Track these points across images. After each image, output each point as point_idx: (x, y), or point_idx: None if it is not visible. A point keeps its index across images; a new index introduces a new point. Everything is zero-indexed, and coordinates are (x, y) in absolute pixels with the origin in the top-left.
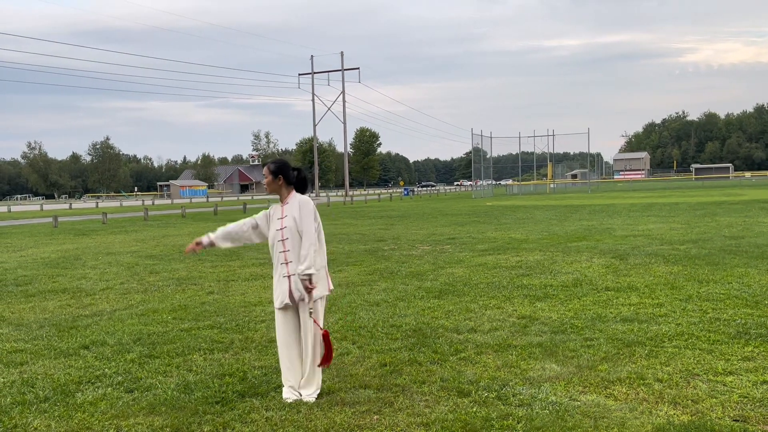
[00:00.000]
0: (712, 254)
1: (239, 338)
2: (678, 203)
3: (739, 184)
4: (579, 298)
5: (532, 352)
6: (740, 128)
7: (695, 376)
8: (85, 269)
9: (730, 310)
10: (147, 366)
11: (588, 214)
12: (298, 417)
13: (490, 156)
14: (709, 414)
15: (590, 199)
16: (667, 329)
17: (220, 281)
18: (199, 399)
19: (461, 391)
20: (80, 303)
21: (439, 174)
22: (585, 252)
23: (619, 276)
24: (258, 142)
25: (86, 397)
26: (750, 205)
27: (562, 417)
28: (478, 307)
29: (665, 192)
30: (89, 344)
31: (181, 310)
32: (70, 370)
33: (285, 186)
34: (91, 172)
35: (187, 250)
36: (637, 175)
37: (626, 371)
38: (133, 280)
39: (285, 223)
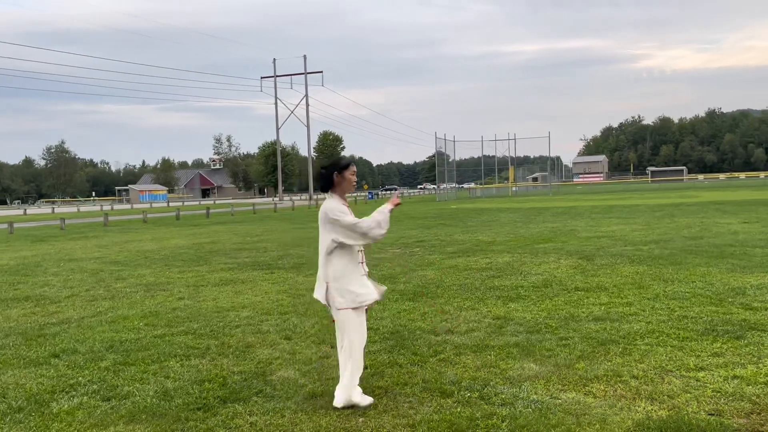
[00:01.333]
0: (674, 254)
1: (215, 344)
2: (637, 205)
3: (693, 186)
4: (551, 299)
5: (510, 352)
6: (693, 132)
7: (669, 372)
8: (47, 276)
9: (696, 307)
10: (122, 373)
11: (551, 216)
12: (282, 421)
13: (453, 159)
14: (686, 408)
15: (552, 202)
16: (638, 327)
17: (189, 287)
18: (180, 406)
19: (444, 391)
20: (45, 311)
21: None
22: (552, 253)
23: (587, 276)
24: (219, 146)
25: (62, 406)
26: (705, 207)
27: (545, 415)
28: (453, 309)
29: (624, 194)
30: (59, 353)
31: (153, 316)
32: (42, 380)
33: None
34: (45, 177)
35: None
36: (596, 178)
37: (603, 369)
38: (99, 287)
39: None
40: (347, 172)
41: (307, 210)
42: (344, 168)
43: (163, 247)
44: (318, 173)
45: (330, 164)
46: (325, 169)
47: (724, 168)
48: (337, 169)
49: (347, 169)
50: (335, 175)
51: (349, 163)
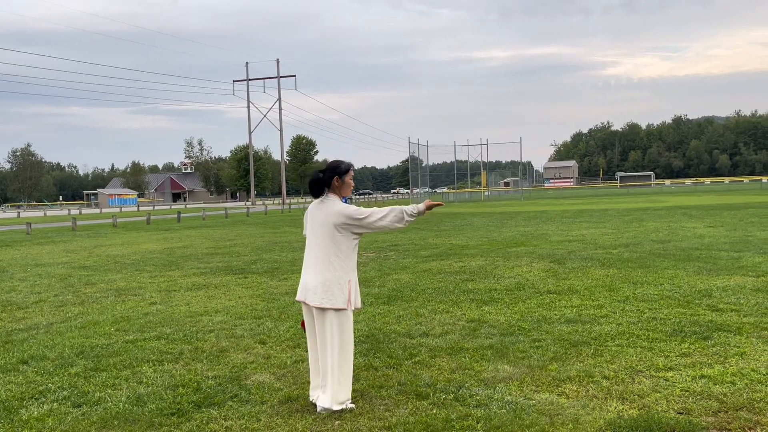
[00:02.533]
0: (643, 257)
1: (188, 348)
2: (607, 210)
3: (660, 191)
4: (523, 301)
5: (484, 353)
6: (660, 138)
7: (639, 372)
8: (13, 281)
9: (664, 309)
10: (93, 379)
11: (523, 220)
12: (258, 425)
13: (426, 164)
14: (655, 408)
15: (524, 206)
16: (609, 329)
17: (161, 291)
18: (154, 411)
19: (419, 394)
20: (12, 317)
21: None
22: (524, 257)
23: (559, 279)
24: (191, 150)
25: (31, 413)
26: (672, 211)
27: (519, 416)
28: (428, 312)
29: (594, 199)
30: (28, 359)
31: (124, 321)
32: (10, 386)
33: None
34: (10, 181)
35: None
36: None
37: (575, 370)
38: (68, 292)
39: None
40: (347, 176)
41: (279, 214)
42: (344, 172)
43: (133, 252)
44: (315, 177)
45: (329, 168)
46: (324, 173)
47: (690, 173)
48: (337, 174)
49: (347, 173)
50: (335, 180)
51: (349, 167)
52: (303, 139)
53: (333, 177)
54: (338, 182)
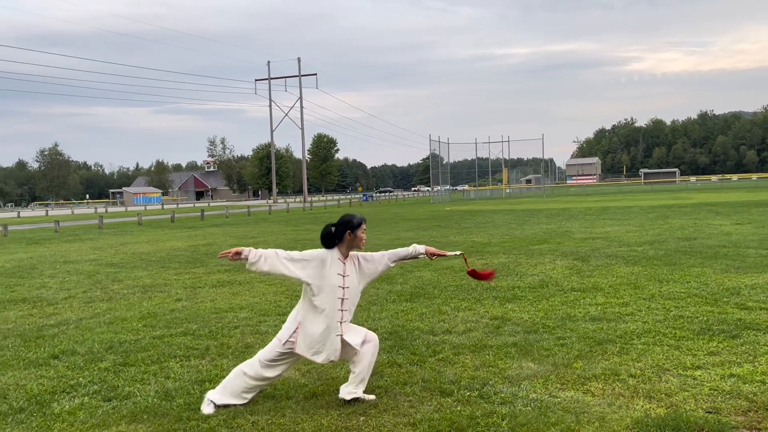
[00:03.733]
0: (668, 255)
1: (214, 344)
2: (631, 207)
3: (685, 188)
4: (547, 299)
5: (508, 351)
6: (685, 134)
7: (666, 371)
8: (43, 278)
9: (691, 307)
10: (123, 374)
11: (545, 218)
12: (284, 420)
13: (447, 162)
14: (683, 407)
15: (546, 204)
16: (635, 327)
17: (186, 288)
18: (182, 405)
19: (443, 390)
20: (43, 312)
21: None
22: (547, 254)
23: (583, 277)
24: (213, 149)
25: (63, 406)
26: (698, 208)
27: (544, 413)
28: (451, 309)
29: (617, 196)
30: (59, 354)
31: (151, 317)
32: (42, 380)
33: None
34: (39, 180)
35: (221, 254)
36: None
37: (600, 368)
38: (96, 289)
39: (348, 283)
40: (359, 230)
41: (301, 212)
42: (357, 226)
43: (158, 249)
44: (327, 231)
45: (342, 222)
46: (336, 227)
47: (716, 170)
48: (349, 228)
49: (359, 227)
50: (348, 234)
51: (362, 222)
52: (324, 137)
53: (345, 231)
54: (350, 236)
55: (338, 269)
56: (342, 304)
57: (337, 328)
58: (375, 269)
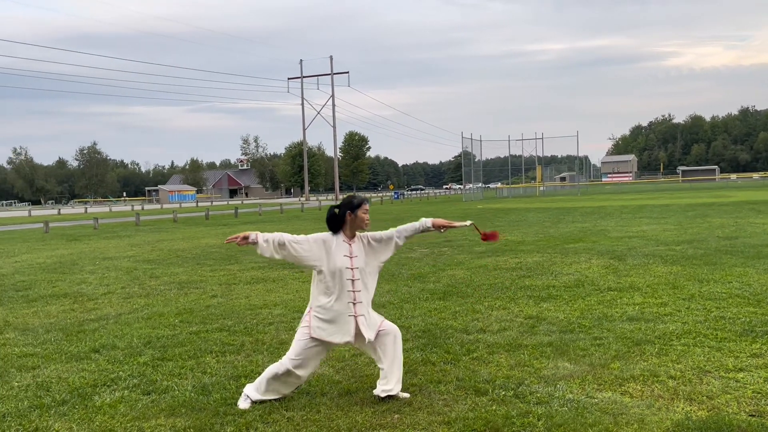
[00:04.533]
0: (708, 254)
1: (249, 340)
2: (668, 205)
3: (725, 185)
4: (583, 298)
5: (544, 351)
6: (725, 131)
7: (707, 372)
8: (83, 274)
9: (733, 308)
10: (161, 369)
11: (580, 216)
12: (318, 417)
13: (479, 159)
14: (725, 409)
15: (580, 202)
16: (674, 328)
17: (222, 285)
18: (218, 400)
19: (478, 390)
20: (84, 307)
21: (427, 177)
22: (583, 253)
23: (620, 276)
24: (247, 147)
25: (104, 399)
26: (739, 207)
27: (581, 414)
28: (484, 308)
29: (654, 194)
30: (99, 348)
31: (187, 313)
32: (83, 374)
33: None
34: (78, 178)
35: (228, 239)
36: (624, 177)
37: (639, 369)
38: (134, 285)
39: (356, 264)
40: (360, 210)
41: None
42: (357, 207)
43: (194, 246)
44: (331, 213)
45: (343, 203)
46: (338, 209)
47: (758, 167)
48: (350, 209)
49: (360, 207)
50: (348, 214)
51: (362, 201)
52: (355, 135)
53: (346, 212)
54: (351, 216)
55: (344, 251)
56: (353, 285)
57: (350, 308)
58: (386, 248)
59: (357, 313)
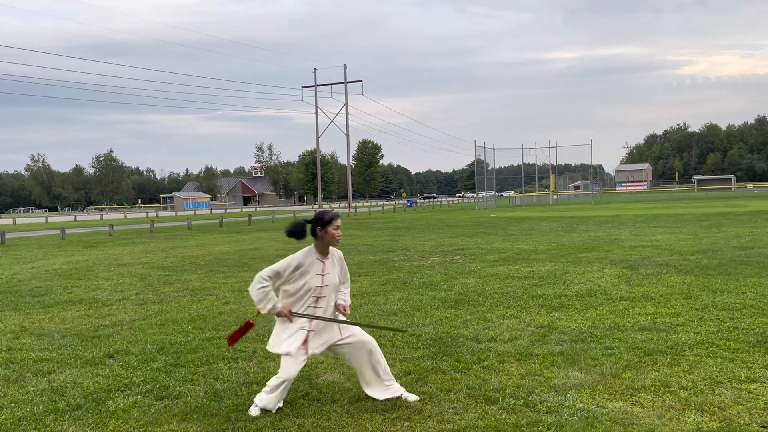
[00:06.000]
0: (723, 264)
1: (261, 347)
2: (683, 214)
3: (741, 195)
4: (595, 308)
5: (554, 360)
6: (741, 140)
7: (719, 383)
8: (98, 280)
9: (747, 319)
10: (173, 374)
11: (594, 225)
12: (329, 424)
13: (492, 167)
14: (737, 420)
15: (594, 211)
16: (687, 338)
17: (234, 292)
18: (230, 406)
19: (488, 398)
20: (98, 313)
21: (440, 186)
22: (596, 262)
23: (632, 286)
24: (261, 155)
25: (118, 404)
26: (756, 216)
27: (591, 423)
28: (496, 317)
29: (669, 203)
30: (113, 353)
31: (200, 320)
32: (98, 379)
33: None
34: (94, 185)
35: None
36: (639, 186)
37: (650, 379)
38: (148, 291)
39: (327, 281)
40: (330, 226)
41: (346, 218)
42: (328, 222)
43: (207, 253)
44: (299, 225)
45: (314, 218)
46: (309, 222)
47: None
48: (320, 224)
49: (330, 223)
50: (318, 230)
51: (333, 217)
52: (369, 143)
53: (315, 227)
54: (321, 231)
55: (318, 269)
56: (317, 302)
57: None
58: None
59: (311, 328)
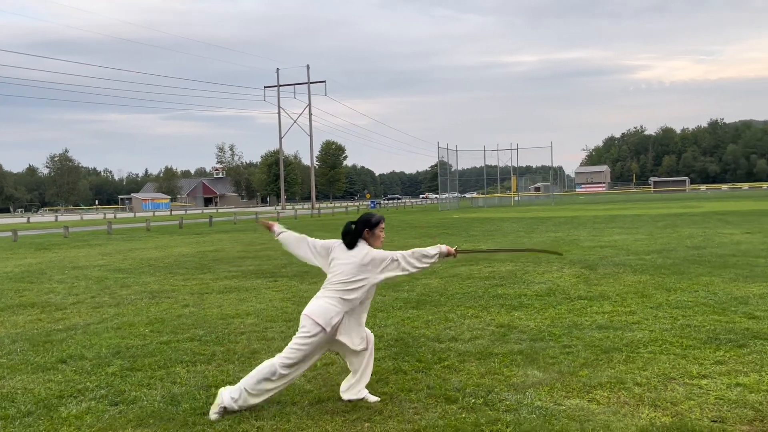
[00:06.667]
0: (677, 264)
1: (221, 350)
2: (640, 215)
3: (695, 196)
4: (554, 307)
5: (514, 359)
6: (695, 143)
7: (672, 379)
8: (51, 283)
9: (699, 316)
10: (129, 379)
11: (554, 225)
12: (289, 426)
13: (455, 169)
14: (689, 415)
15: (554, 212)
16: (641, 336)
17: (194, 294)
18: (188, 410)
19: (448, 398)
20: (51, 317)
21: (404, 187)
22: (555, 262)
23: (590, 285)
24: (222, 155)
25: (70, 410)
26: (708, 217)
27: (549, 421)
28: (457, 317)
29: (626, 204)
30: (66, 358)
31: (158, 323)
32: (50, 384)
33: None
34: (49, 185)
35: (262, 222)
36: (598, 187)
37: (606, 376)
38: (104, 294)
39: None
40: (377, 229)
41: (309, 219)
42: (375, 225)
43: (166, 255)
44: (347, 228)
45: (361, 220)
46: (356, 225)
47: (726, 179)
48: (368, 227)
49: (377, 226)
50: (366, 232)
51: (380, 221)
52: (332, 144)
53: (364, 229)
54: (368, 234)
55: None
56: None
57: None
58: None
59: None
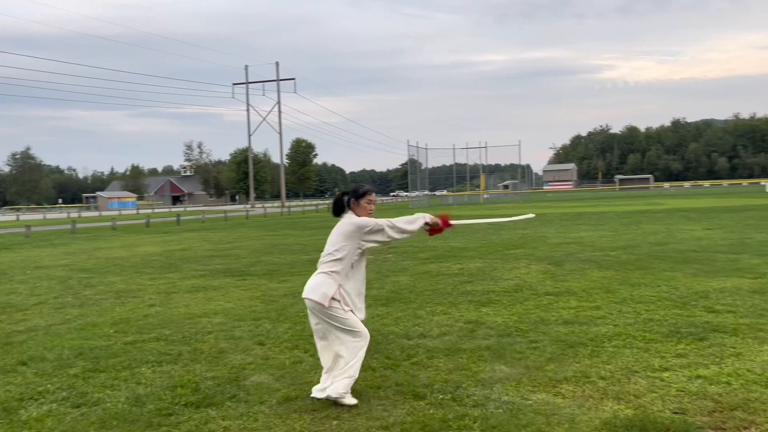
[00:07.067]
0: (640, 259)
1: (187, 350)
2: (605, 212)
3: (659, 194)
4: (521, 303)
5: (482, 355)
6: (659, 141)
7: (635, 373)
8: (12, 284)
9: (661, 311)
10: (92, 380)
11: (522, 223)
12: (256, 425)
13: (425, 167)
14: (651, 407)
15: (522, 209)
16: (606, 330)
17: (160, 293)
18: (152, 411)
19: (416, 394)
20: (12, 318)
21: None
22: (523, 259)
23: (557, 281)
24: (190, 153)
25: (30, 413)
26: (671, 214)
27: (515, 415)
28: (426, 314)
29: (593, 202)
30: (27, 360)
31: (123, 323)
32: (9, 387)
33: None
34: (10, 184)
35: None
36: (565, 185)
37: (571, 370)
38: (67, 294)
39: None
40: (363, 200)
41: (279, 217)
42: (361, 196)
43: (133, 255)
44: (336, 198)
45: (350, 191)
46: (343, 195)
47: (689, 176)
48: (354, 196)
49: (363, 197)
50: (352, 202)
51: (367, 192)
52: (302, 142)
53: (350, 200)
54: (354, 204)
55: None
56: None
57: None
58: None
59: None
